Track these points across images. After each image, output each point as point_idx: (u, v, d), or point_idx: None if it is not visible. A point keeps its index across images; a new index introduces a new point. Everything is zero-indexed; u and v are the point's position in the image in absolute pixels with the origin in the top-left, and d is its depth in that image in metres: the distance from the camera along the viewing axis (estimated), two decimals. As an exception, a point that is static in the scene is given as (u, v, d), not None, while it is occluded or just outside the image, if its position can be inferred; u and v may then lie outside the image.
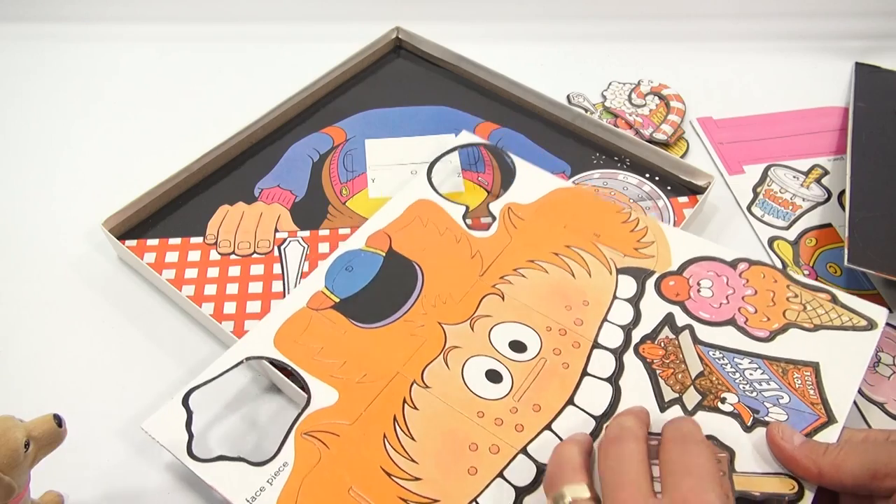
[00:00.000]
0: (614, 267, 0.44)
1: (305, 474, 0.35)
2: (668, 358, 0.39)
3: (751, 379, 0.38)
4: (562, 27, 0.68)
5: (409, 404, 0.37)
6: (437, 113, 0.58)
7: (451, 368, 0.39)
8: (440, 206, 0.48)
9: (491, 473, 0.35)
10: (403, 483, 0.35)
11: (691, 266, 0.43)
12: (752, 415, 0.36)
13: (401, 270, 0.44)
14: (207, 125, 0.56)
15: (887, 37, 0.66)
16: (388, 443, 0.36)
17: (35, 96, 0.61)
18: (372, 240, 0.45)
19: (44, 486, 0.36)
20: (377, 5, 0.69)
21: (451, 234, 0.46)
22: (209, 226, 0.49)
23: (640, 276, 0.43)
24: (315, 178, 0.53)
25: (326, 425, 0.37)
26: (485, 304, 0.42)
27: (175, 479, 0.38)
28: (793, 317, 0.40)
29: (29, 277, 0.48)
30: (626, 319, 0.41)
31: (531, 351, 0.40)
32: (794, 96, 0.60)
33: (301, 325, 0.41)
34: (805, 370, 0.38)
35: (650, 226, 0.46)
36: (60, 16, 0.69)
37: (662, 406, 0.37)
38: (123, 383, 0.42)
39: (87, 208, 0.51)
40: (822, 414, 0.36)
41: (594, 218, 0.46)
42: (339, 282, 0.43)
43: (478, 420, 0.37)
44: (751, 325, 0.40)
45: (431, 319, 0.41)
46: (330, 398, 0.38)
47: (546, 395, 0.38)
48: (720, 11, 0.69)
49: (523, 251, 0.45)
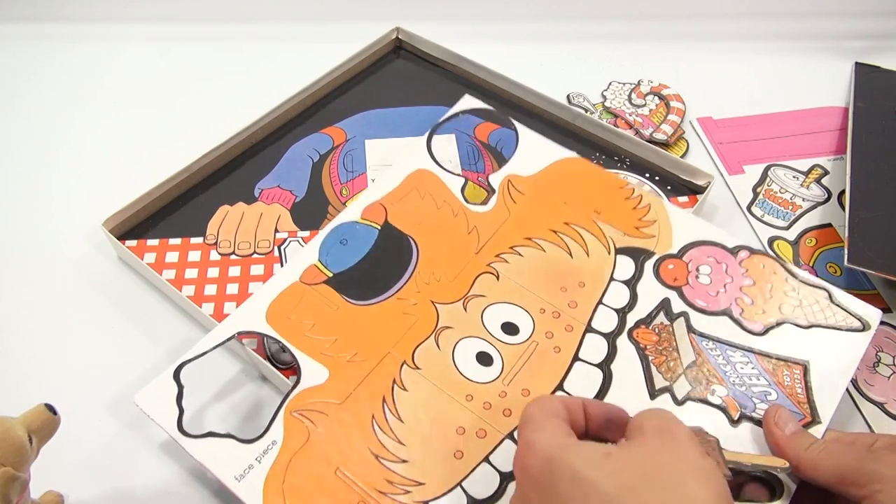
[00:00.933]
0: (613, 247, 0.43)
1: (293, 453, 0.35)
2: (661, 344, 0.39)
3: (741, 373, 0.38)
4: (562, 27, 0.68)
5: (399, 385, 0.37)
6: (437, 113, 0.58)
7: (442, 349, 0.39)
8: (439, 177, 0.47)
9: (477, 458, 0.35)
10: (390, 465, 0.35)
11: (692, 250, 0.43)
12: (740, 409, 0.37)
13: (395, 245, 0.43)
14: (207, 125, 0.56)
15: (887, 37, 0.66)
16: (377, 424, 0.36)
17: (35, 96, 0.61)
18: (368, 212, 0.45)
19: (44, 486, 0.36)
20: (377, 5, 0.69)
21: (449, 208, 0.45)
22: (209, 226, 0.49)
23: (640, 258, 0.43)
24: (315, 178, 0.53)
25: (316, 404, 0.36)
26: (479, 282, 0.42)
27: (175, 479, 0.38)
28: (788, 311, 0.40)
29: (29, 277, 0.48)
30: (622, 302, 0.41)
31: (523, 333, 0.40)
32: (794, 96, 0.60)
33: (293, 301, 0.41)
34: (795, 368, 0.38)
35: (653, 203, 0.45)
36: (60, 16, 0.69)
37: (653, 393, 0.37)
38: (124, 383, 0.42)
39: (87, 208, 0.51)
40: (807, 413, 0.36)
41: (596, 193, 0.46)
42: (332, 255, 0.43)
43: (466, 403, 0.37)
44: (746, 317, 0.40)
45: (424, 298, 0.41)
46: (320, 376, 0.38)
47: (536, 380, 0.38)
48: (720, 11, 0.69)
49: (521, 228, 0.44)
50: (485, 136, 0.54)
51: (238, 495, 0.33)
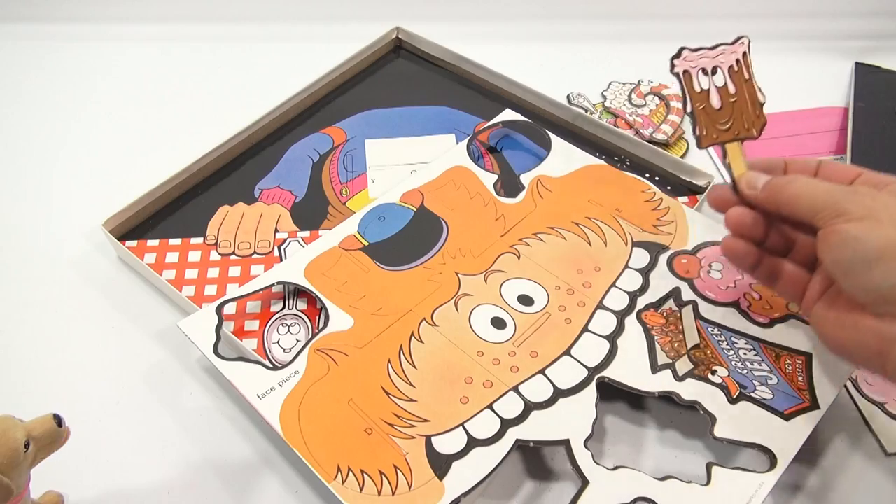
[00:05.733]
0: (631, 240, 0.45)
1: (312, 383, 0.38)
2: (668, 326, 0.41)
3: (744, 358, 0.39)
4: (562, 27, 0.68)
5: (416, 337, 0.40)
6: (437, 113, 0.58)
7: (460, 312, 0.42)
8: (475, 173, 0.50)
9: (481, 404, 0.37)
10: (399, 402, 0.37)
11: (706, 249, 0.45)
12: (739, 389, 0.38)
13: (428, 224, 0.47)
14: (207, 125, 0.56)
15: (887, 37, 0.66)
16: (392, 367, 0.39)
17: (35, 96, 0.62)
18: (406, 196, 0.48)
19: (44, 486, 0.37)
20: (377, 5, 0.69)
21: (480, 198, 0.48)
22: (209, 226, 0.49)
23: (655, 250, 0.45)
24: (315, 178, 0.53)
25: (338, 345, 0.40)
26: (501, 260, 0.44)
27: (175, 481, 0.38)
28: (795, 309, 0.41)
29: (29, 278, 0.48)
30: (634, 287, 0.43)
31: (538, 305, 0.42)
32: (794, 96, 0.60)
33: (330, 262, 0.44)
34: (798, 358, 0.39)
35: (672, 206, 0.47)
36: (60, 16, 0.69)
37: (654, 368, 0.39)
38: (123, 383, 0.42)
39: (87, 209, 0.51)
40: (806, 399, 0.37)
41: (619, 194, 0.48)
42: (370, 228, 0.46)
43: (477, 358, 0.39)
44: (753, 310, 0.41)
45: (449, 269, 0.44)
46: (346, 324, 0.41)
47: (545, 344, 0.40)
48: (720, 11, 0.69)
49: (545, 218, 0.47)
50: (485, 136, 0.54)
51: (259, 410, 0.37)
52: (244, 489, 0.38)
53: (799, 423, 0.36)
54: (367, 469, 0.35)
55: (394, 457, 0.35)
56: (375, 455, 0.35)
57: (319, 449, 0.35)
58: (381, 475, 0.34)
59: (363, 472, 0.34)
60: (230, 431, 0.40)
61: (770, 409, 0.37)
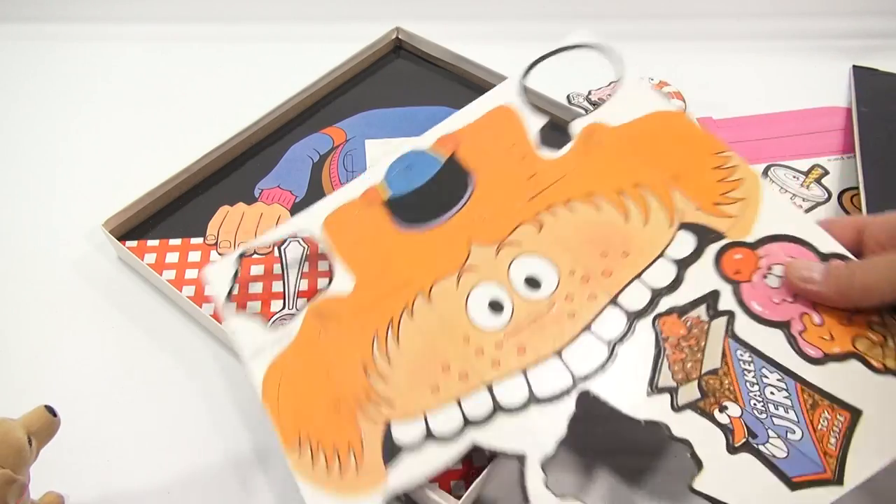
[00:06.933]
0: (678, 220, 0.37)
1: (300, 349, 0.37)
2: (687, 340, 0.34)
3: (769, 398, 0.32)
4: (562, 27, 0.68)
5: (409, 312, 0.38)
6: (437, 113, 0.58)
7: (460, 289, 0.38)
8: (519, 116, 0.44)
9: (450, 397, 0.34)
10: (372, 380, 0.36)
11: (772, 244, 0.36)
12: (747, 436, 0.31)
13: (454, 180, 0.42)
14: (207, 125, 0.56)
15: (886, 37, 0.66)
16: (377, 340, 0.37)
17: (35, 96, 0.62)
18: (441, 142, 0.44)
19: (44, 487, 0.36)
20: (377, 5, 0.69)
21: (518, 151, 0.42)
22: (209, 226, 0.49)
23: (705, 237, 0.37)
24: (315, 178, 0.53)
25: (334, 309, 0.38)
26: (520, 230, 0.39)
27: (175, 481, 0.38)
28: (862, 348, 0.32)
29: (29, 278, 0.48)
30: (663, 282, 0.36)
31: (544, 290, 0.37)
32: (794, 96, 0.60)
33: (348, 217, 0.42)
34: (840, 413, 0.31)
35: (747, 179, 0.38)
36: (59, 16, 0.69)
37: (652, 389, 0.33)
38: (123, 384, 0.42)
39: (87, 209, 0.51)
40: (829, 469, 0.30)
41: (684, 155, 0.40)
42: (396, 179, 0.43)
43: (461, 344, 0.36)
44: (806, 337, 0.33)
45: (464, 235, 0.40)
46: (347, 287, 0.39)
47: (537, 340, 0.35)
48: (721, 11, 0.69)
49: (585, 181, 0.40)
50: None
51: (247, 370, 0.37)
52: (245, 489, 0.38)
53: (807, 499, 0.29)
54: (324, 445, 0.34)
55: (351, 437, 0.34)
56: (337, 432, 0.34)
57: (288, 417, 0.35)
58: (336, 453, 0.33)
59: (320, 446, 0.34)
60: (231, 432, 0.40)
61: (776, 470, 0.30)
